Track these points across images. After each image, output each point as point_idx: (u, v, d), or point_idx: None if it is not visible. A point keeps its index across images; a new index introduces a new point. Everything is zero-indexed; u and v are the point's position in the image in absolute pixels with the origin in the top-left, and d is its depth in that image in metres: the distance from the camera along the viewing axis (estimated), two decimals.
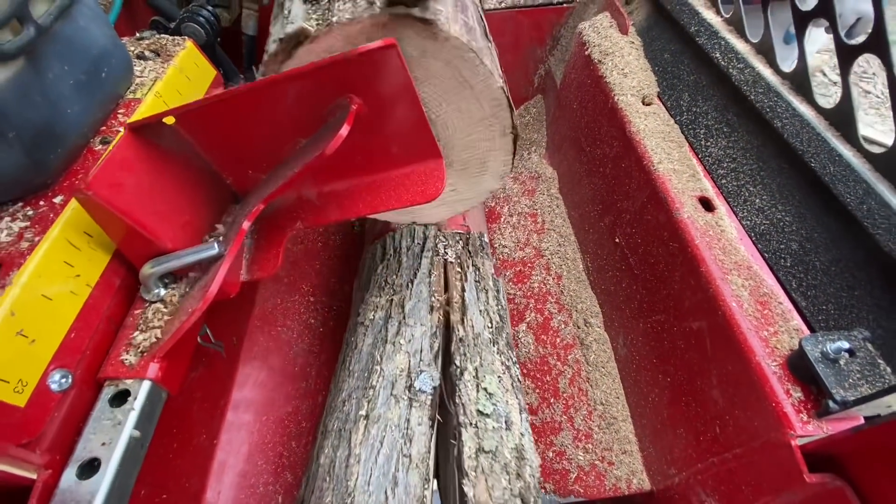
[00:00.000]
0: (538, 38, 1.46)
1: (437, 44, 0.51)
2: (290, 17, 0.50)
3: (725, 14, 0.86)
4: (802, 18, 0.67)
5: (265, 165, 0.63)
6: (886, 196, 0.54)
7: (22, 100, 0.53)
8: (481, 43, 0.57)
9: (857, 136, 0.60)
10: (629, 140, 0.95)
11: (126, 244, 0.59)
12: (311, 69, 0.46)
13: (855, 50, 0.58)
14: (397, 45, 0.45)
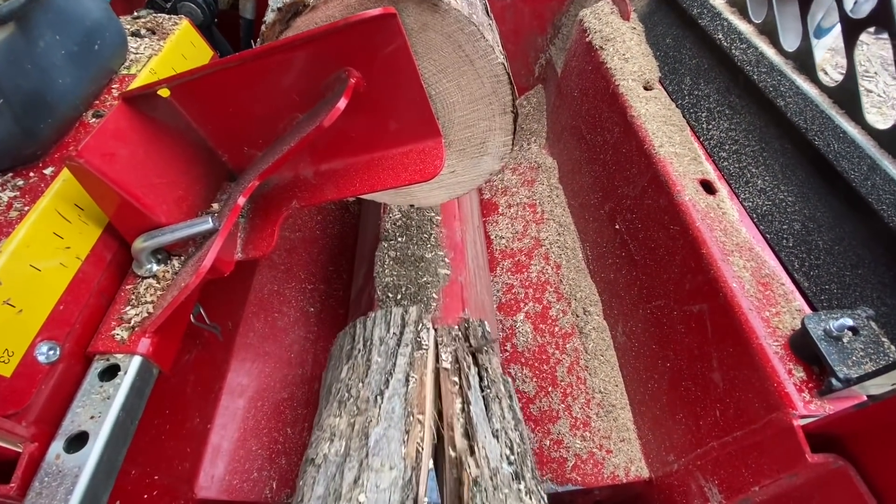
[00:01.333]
0: (539, 26, 1.45)
1: (438, 16, 0.50)
2: None
3: None
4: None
5: (261, 142, 0.62)
6: (892, 171, 0.53)
7: (11, 66, 0.52)
8: (482, 18, 0.56)
9: (862, 113, 0.59)
10: (630, 125, 0.94)
11: (118, 217, 0.58)
12: (308, 35, 0.45)
13: (860, 23, 0.57)
14: (397, 14, 0.44)
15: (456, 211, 0.96)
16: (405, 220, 0.87)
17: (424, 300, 0.77)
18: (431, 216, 0.90)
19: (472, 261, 0.96)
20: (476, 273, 0.97)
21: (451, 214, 0.94)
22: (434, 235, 0.87)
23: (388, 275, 0.81)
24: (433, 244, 0.85)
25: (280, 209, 0.66)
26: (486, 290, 1.10)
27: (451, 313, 0.77)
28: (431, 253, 0.83)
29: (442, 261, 0.84)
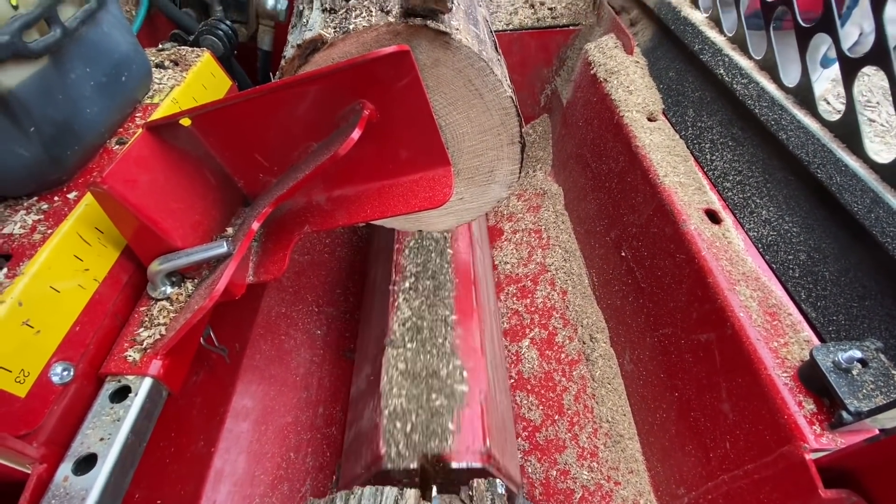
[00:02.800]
0: (545, 59, 1.50)
1: (450, 53, 0.53)
2: (309, 25, 0.52)
3: (729, 33, 0.88)
4: (804, 33, 0.69)
5: (276, 169, 0.64)
6: (894, 205, 0.54)
7: (44, 97, 0.55)
8: (491, 54, 0.58)
9: (863, 147, 0.60)
10: (635, 155, 0.96)
11: (136, 240, 0.59)
12: (326, 71, 0.48)
13: (858, 62, 0.59)
14: (410, 51, 0.46)
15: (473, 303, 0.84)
16: (416, 322, 0.78)
17: (438, 432, 0.67)
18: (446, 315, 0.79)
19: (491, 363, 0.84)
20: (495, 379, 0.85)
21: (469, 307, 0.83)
22: (449, 341, 0.77)
23: (395, 395, 0.71)
24: (448, 352, 0.75)
25: (292, 234, 0.67)
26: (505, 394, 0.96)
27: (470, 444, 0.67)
28: (447, 366, 0.73)
29: (459, 374, 0.73)
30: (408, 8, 0.49)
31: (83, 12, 0.61)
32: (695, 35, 0.93)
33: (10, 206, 0.59)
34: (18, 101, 0.52)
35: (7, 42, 0.50)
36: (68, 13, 0.60)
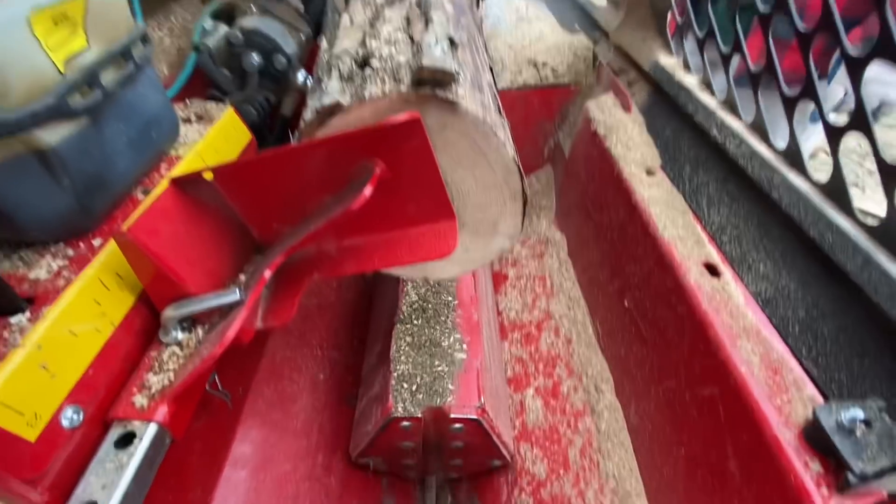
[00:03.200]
0: (548, 114, 1.58)
1: (456, 118, 0.57)
2: (327, 91, 0.56)
3: (720, 96, 0.93)
4: (789, 100, 0.73)
5: (290, 219, 0.67)
6: (885, 265, 0.56)
7: (81, 152, 0.60)
8: (495, 118, 0.63)
9: (852, 208, 0.63)
10: (634, 207, 0.99)
11: (153, 286, 0.62)
12: (344, 136, 0.52)
13: (840, 130, 0.62)
14: (421, 119, 0.50)
15: (472, 292, 0.99)
16: (422, 304, 0.91)
17: (439, 391, 0.80)
18: (448, 300, 0.92)
19: (487, 342, 0.97)
20: (490, 355, 0.99)
21: (468, 296, 0.96)
22: (451, 319, 0.89)
23: (403, 361, 0.83)
24: (450, 328, 0.87)
25: (302, 281, 0.69)
26: (499, 372, 1.12)
27: (466, 402, 0.80)
28: (448, 338, 0.85)
29: (459, 345, 0.86)
30: (418, 78, 0.54)
31: (122, 76, 0.67)
32: (688, 97, 0.98)
33: (38, 250, 0.62)
34: (58, 156, 0.57)
35: (53, 104, 0.55)
36: (109, 76, 0.66)
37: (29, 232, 0.59)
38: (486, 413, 0.81)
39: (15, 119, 0.51)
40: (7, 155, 0.54)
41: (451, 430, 0.82)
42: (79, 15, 0.61)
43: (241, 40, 1.04)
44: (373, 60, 0.59)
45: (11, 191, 0.55)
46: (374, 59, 0.59)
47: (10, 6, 0.50)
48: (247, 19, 1.08)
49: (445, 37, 0.60)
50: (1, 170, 0.54)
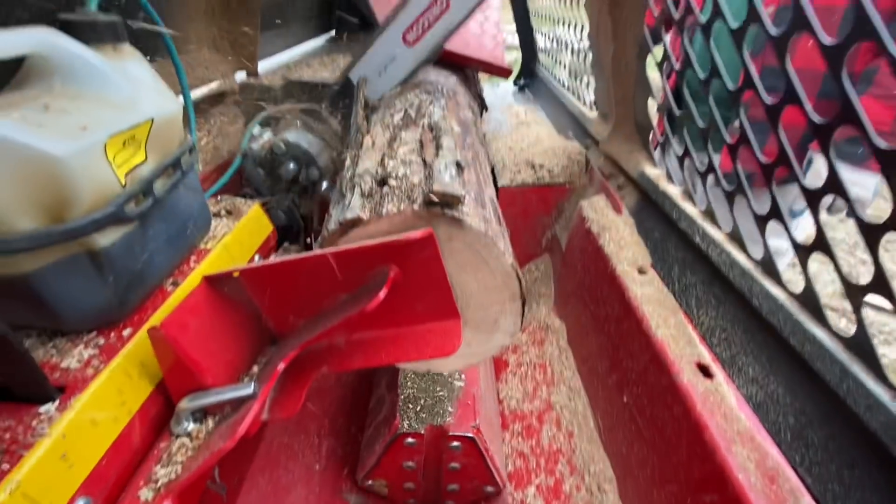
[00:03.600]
0: (545, 209, 1.70)
1: (462, 231, 0.65)
2: (350, 206, 0.65)
3: (700, 206, 1.03)
4: (760, 217, 0.82)
5: (306, 313, 0.73)
6: (861, 377, 0.59)
7: (127, 251, 0.67)
8: (496, 229, 0.71)
9: (826, 320, 0.68)
10: (628, 304, 1.05)
11: (173, 377, 0.66)
12: (367, 248, 0.59)
13: (808, 249, 0.70)
14: (434, 235, 0.58)
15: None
16: None
17: (440, 412, 0.91)
18: None
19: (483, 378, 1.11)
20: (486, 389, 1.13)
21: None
22: None
23: (409, 387, 0.96)
24: None
25: (310, 374, 0.73)
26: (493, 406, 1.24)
27: (463, 422, 0.91)
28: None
29: (458, 374, 0.99)
30: (429, 200, 0.63)
31: (171, 183, 0.77)
32: (672, 205, 1.08)
33: (71, 339, 0.67)
34: (108, 257, 0.64)
35: (112, 213, 0.63)
36: (159, 184, 0.76)
37: (68, 323, 0.64)
38: (481, 434, 0.92)
39: (79, 226, 0.59)
40: (63, 255, 0.61)
41: (450, 447, 0.92)
42: (144, 135, 0.71)
43: (283, 150, 1.18)
44: (390, 180, 0.68)
45: (61, 287, 0.61)
46: (392, 179, 0.69)
47: (94, 134, 0.60)
48: (291, 132, 1.23)
49: (453, 162, 0.70)
50: (55, 267, 0.61)
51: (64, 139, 0.56)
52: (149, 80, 0.75)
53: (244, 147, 1.21)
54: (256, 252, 1.03)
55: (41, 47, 0.61)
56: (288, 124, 1.27)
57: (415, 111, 0.98)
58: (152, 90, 0.74)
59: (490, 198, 0.81)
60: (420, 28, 1.20)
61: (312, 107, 1.27)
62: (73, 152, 0.57)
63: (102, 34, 0.70)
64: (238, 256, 0.95)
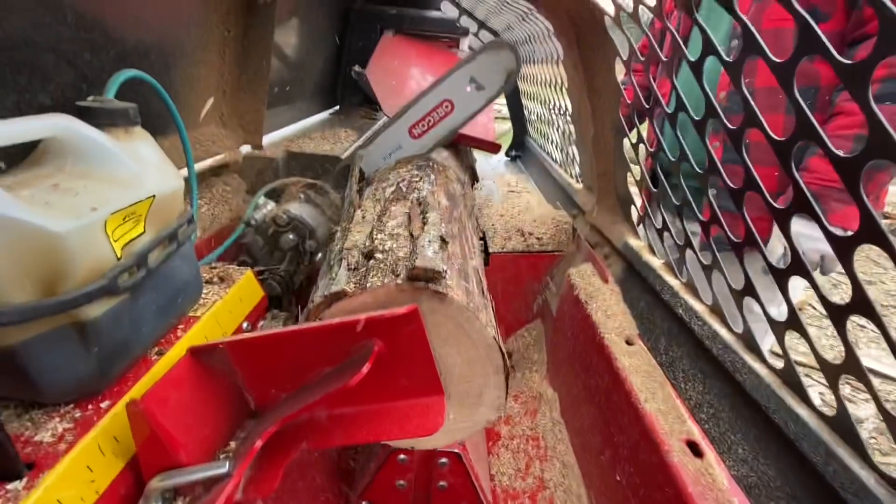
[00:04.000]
0: (535, 275, 1.73)
1: (444, 305, 0.67)
2: (336, 279, 0.67)
3: (682, 278, 1.06)
4: (737, 292, 0.84)
5: (288, 386, 0.72)
6: (846, 460, 0.59)
7: (114, 324, 0.68)
8: (478, 301, 0.73)
9: (809, 398, 0.68)
10: (617, 375, 1.04)
11: (147, 453, 0.64)
12: (351, 322, 0.61)
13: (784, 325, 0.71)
14: (419, 311, 0.60)
15: None
16: None
17: None
18: None
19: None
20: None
21: None
22: None
23: None
24: None
25: (289, 450, 0.71)
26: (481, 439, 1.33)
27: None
28: None
29: None
30: (412, 274, 0.65)
31: (165, 254, 0.79)
32: (655, 277, 1.11)
33: (48, 412, 0.66)
34: (95, 328, 0.64)
35: (105, 285, 0.65)
36: (154, 255, 0.78)
37: (47, 395, 0.64)
38: (468, 451, 0.97)
39: (70, 299, 0.60)
40: (50, 327, 0.62)
41: (438, 464, 0.96)
42: (145, 210, 0.75)
43: (286, 221, 1.24)
44: (377, 254, 0.71)
45: (44, 359, 0.62)
46: (378, 253, 0.72)
47: (97, 211, 0.64)
48: (294, 205, 1.29)
49: (438, 237, 0.74)
50: (40, 339, 0.61)
51: (67, 217, 0.59)
52: (155, 159, 0.80)
53: (248, 216, 1.26)
54: (245, 319, 1.04)
55: (57, 132, 0.66)
56: (292, 196, 1.33)
57: (406, 185, 1.03)
58: (157, 168, 0.79)
59: (475, 268, 0.84)
60: (425, 125, 1.34)
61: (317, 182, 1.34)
62: (73, 229, 0.59)
63: (116, 118, 0.76)
64: (226, 324, 0.96)
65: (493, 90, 1.38)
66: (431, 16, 2.62)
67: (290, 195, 1.35)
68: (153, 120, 1.22)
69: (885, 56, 0.44)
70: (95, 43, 1.02)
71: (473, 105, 1.39)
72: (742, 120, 0.68)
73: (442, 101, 1.36)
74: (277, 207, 1.30)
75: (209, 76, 1.45)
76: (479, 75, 1.34)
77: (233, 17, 1.45)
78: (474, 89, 1.35)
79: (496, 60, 1.34)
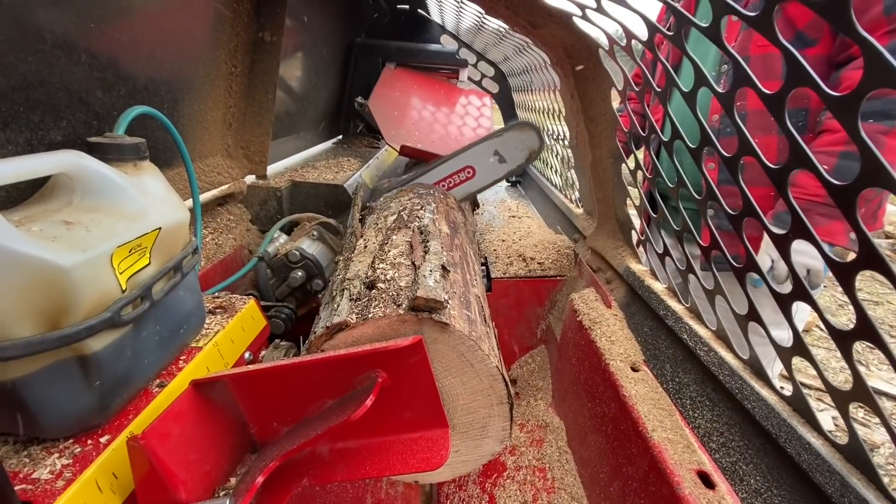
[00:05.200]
0: (538, 300, 1.72)
1: (445, 335, 0.67)
2: (338, 310, 0.67)
3: (685, 303, 1.06)
4: (741, 317, 0.84)
5: (290, 420, 0.71)
6: (861, 490, 0.57)
7: (116, 356, 0.68)
8: (480, 330, 0.72)
9: (820, 426, 0.67)
10: (624, 404, 1.02)
11: (145, 490, 0.62)
12: (354, 355, 0.60)
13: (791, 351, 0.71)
14: (423, 342, 0.60)
15: None
16: None
17: None
18: None
19: None
20: None
21: None
22: None
23: None
24: None
25: (290, 486, 0.70)
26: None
27: None
28: None
29: None
30: (414, 304, 0.65)
31: (170, 285, 0.80)
32: (658, 302, 1.11)
33: (46, 447, 0.65)
34: (98, 361, 0.64)
35: (108, 318, 0.65)
36: (158, 286, 0.79)
37: (47, 430, 0.63)
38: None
39: (73, 332, 0.61)
40: (52, 361, 0.62)
41: None
42: (150, 243, 0.76)
43: (298, 258, 1.25)
44: (379, 283, 0.72)
45: (45, 393, 0.61)
46: (380, 283, 0.72)
47: (104, 245, 0.65)
48: (306, 242, 1.31)
49: (439, 266, 0.74)
50: (42, 373, 0.61)
51: (73, 251, 0.60)
52: (161, 192, 0.81)
53: (263, 250, 1.28)
54: (247, 349, 1.03)
55: (66, 168, 0.67)
56: (304, 232, 1.35)
57: (407, 213, 1.05)
58: (163, 201, 0.80)
59: (476, 296, 0.84)
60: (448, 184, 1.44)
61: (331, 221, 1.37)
62: (80, 262, 0.60)
63: (125, 153, 0.78)
64: (228, 355, 0.95)
65: (513, 164, 1.52)
66: (431, 48, 2.71)
67: (302, 230, 1.37)
68: (160, 152, 1.25)
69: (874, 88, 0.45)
70: (107, 81, 1.06)
71: (494, 175, 1.53)
72: (736, 147, 0.69)
73: (465, 167, 1.49)
74: (290, 243, 1.32)
75: (216, 110, 1.49)
76: (503, 149, 1.48)
77: (240, 53, 1.50)
78: (497, 161, 1.49)
79: (521, 139, 1.49)
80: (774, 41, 0.54)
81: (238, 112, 1.55)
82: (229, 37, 1.45)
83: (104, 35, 1.02)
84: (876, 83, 0.44)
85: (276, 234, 1.32)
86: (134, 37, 1.11)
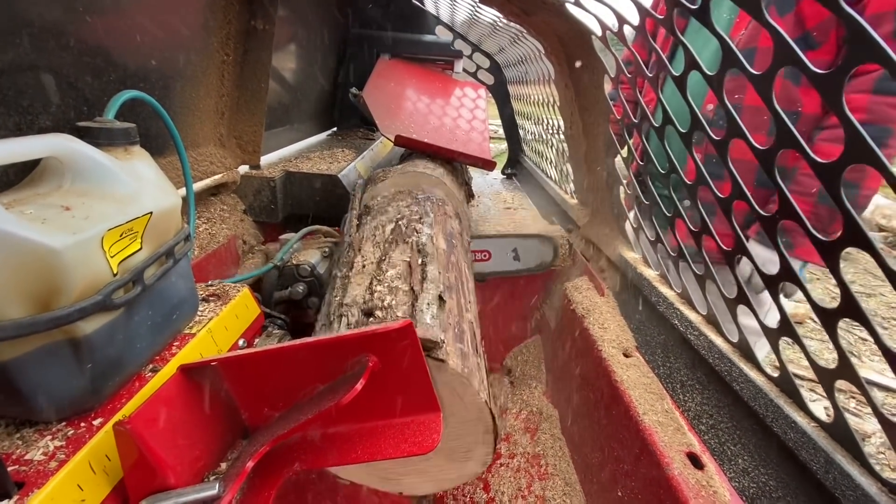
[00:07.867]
0: (532, 290, 1.73)
1: (439, 371, 0.69)
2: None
3: (676, 289, 1.06)
4: (731, 301, 0.85)
5: (281, 405, 0.72)
6: (846, 467, 0.58)
7: (108, 340, 0.67)
8: (472, 363, 0.74)
9: (806, 406, 0.68)
10: (616, 389, 1.03)
11: (134, 475, 0.63)
12: (344, 339, 0.61)
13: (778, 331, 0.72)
14: (413, 325, 0.60)
15: None
16: None
17: None
18: None
19: None
20: None
21: None
22: None
23: None
24: None
25: (281, 471, 0.70)
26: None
27: None
28: None
29: None
30: None
31: (162, 270, 0.80)
32: (650, 288, 1.11)
33: (39, 430, 0.65)
34: (89, 343, 0.64)
35: (99, 301, 0.65)
36: (150, 272, 0.79)
37: (39, 412, 0.63)
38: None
39: (64, 314, 0.61)
40: (43, 343, 0.62)
41: None
42: (141, 227, 0.76)
43: (308, 272, 1.26)
44: (377, 311, 0.73)
45: (37, 375, 0.61)
46: (378, 311, 0.73)
47: (94, 227, 0.65)
48: (315, 257, 1.32)
49: (437, 297, 0.75)
50: (33, 355, 0.61)
51: (64, 233, 0.60)
52: (152, 177, 0.81)
53: (281, 258, 1.28)
54: (241, 336, 1.03)
55: (56, 151, 0.67)
56: (316, 244, 1.36)
57: (405, 224, 1.04)
58: (154, 185, 0.80)
59: (470, 322, 0.85)
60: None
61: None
62: (70, 244, 0.60)
63: (115, 138, 0.78)
64: (222, 342, 0.95)
65: (526, 265, 1.69)
66: (426, 39, 2.69)
67: (315, 241, 1.38)
68: (152, 140, 1.24)
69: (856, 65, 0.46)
70: (97, 66, 1.05)
71: (504, 266, 1.69)
72: (725, 131, 0.69)
73: (484, 250, 1.66)
74: (302, 252, 1.33)
75: (208, 98, 1.48)
76: (521, 250, 1.66)
77: (232, 41, 1.49)
78: (512, 258, 1.67)
79: (539, 249, 1.67)
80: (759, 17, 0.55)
81: (231, 101, 1.54)
82: (221, 24, 1.43)
83: (94, 20, 1.01)
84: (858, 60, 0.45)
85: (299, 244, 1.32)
86: (124, 22, 1.10)
